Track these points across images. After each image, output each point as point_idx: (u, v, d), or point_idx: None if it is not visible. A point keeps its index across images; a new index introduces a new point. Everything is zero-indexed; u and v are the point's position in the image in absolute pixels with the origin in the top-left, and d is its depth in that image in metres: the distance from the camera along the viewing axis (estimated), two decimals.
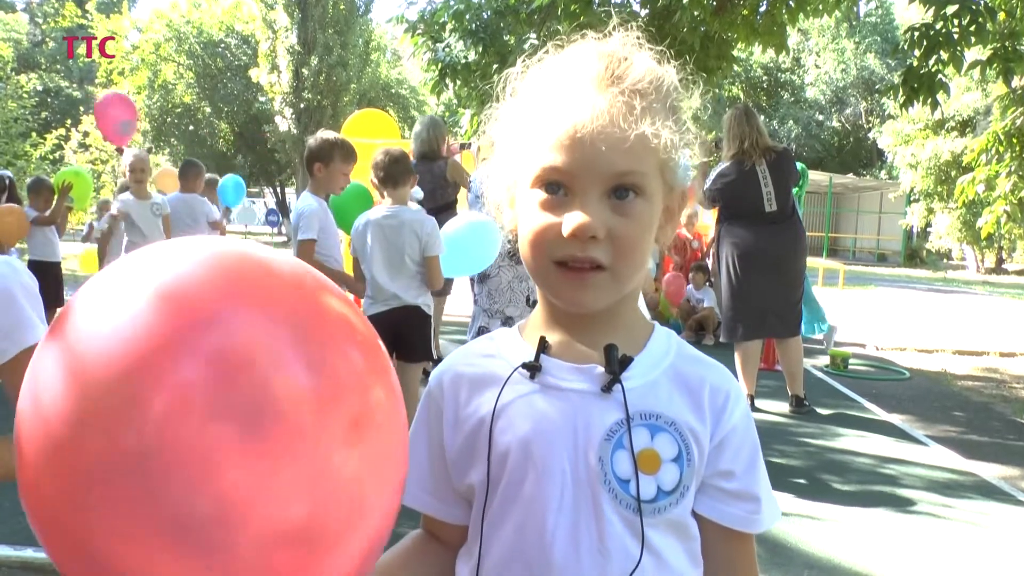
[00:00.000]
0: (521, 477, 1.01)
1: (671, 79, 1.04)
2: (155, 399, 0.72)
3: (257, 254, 0.87)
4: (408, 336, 4.30)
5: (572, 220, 0.96)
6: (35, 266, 7.26)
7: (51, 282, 7.15)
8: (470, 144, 8.25)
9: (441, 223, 6.43)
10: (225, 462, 0.73)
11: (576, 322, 1.05)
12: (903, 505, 4.31)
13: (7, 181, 8.20)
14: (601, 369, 1.02)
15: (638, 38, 1.05)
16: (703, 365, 1.09)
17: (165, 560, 0.73)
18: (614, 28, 1.05)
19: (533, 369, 1.04)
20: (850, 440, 5.52)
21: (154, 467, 0.72)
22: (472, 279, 5.33)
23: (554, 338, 1.06)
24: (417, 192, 6.37)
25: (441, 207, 6.45)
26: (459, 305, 8.73)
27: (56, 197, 7.73)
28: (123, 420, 0.72)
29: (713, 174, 5.84)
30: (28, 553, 3.33)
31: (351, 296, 4.68)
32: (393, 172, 4.32)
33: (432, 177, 6.49)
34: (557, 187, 0.98)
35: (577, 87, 1.00)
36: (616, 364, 1.01)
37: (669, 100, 1.03)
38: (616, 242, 0.97)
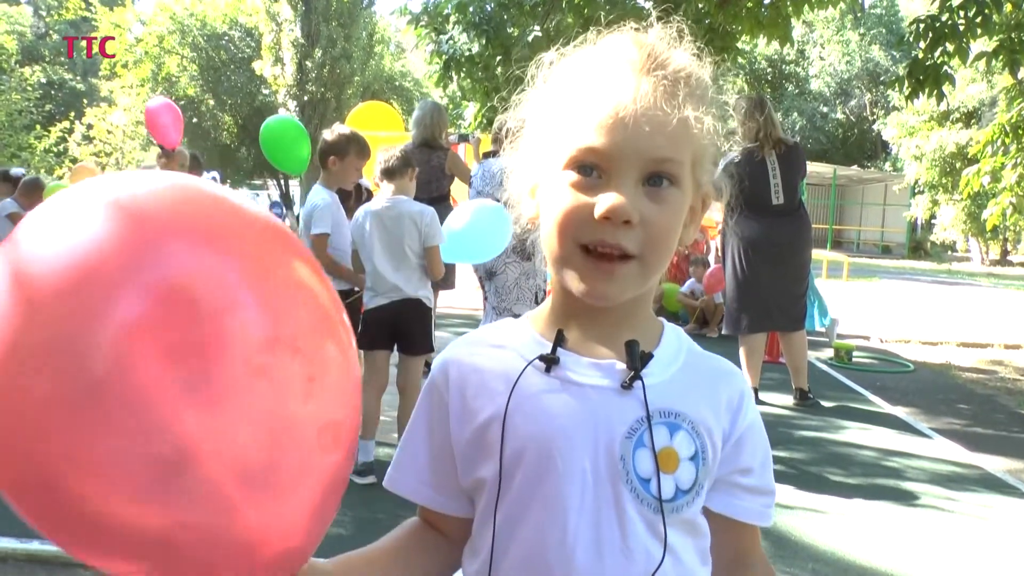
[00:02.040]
0: (539, 474, 0.99)
1: (708, 77, 1.03)
2: (103, 332, 0.71)
3: (220, 192, 0.87)
4: (409, 329, 4.30)
5: (607, 200, 0.93)
6: None
7: None
8: (469, 136, 8.20)
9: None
10: (176, 403, 0.73)
11: (593, 316, 1.03)
12: (907, 498, 4.31)
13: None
14: (621, 365, 1.00)
15: (680, 32, 1.03)
16: (714, 361, 1.10)
17: (121, 499, 0.73)
18: (653, 22, 1.04)
19: (550, 362, 1.01)
20: (854, 433, 5.52)
21: (105, 407, 0.71)
22: (480, 276, 5.31)
23: (570, 331, 1.04)
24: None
25: (435, 198, 6.35)
26: (464, 298, 8.74)
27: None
28: (69, 356, 0.71)
29: (723, 163, 5.81)
30: (34, 545, 3.35)
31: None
32: (389, 166, 4.34)
33: (430, 168, 6.26)
34: (591, 169, 0.96)
35: (618, 71, 0.98)
36: (638, 360, 1.00)
37: (707, 96, 1.01)
38: (648, 230, 0.95)
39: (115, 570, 0.81)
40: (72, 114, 26.52)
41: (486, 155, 5.24)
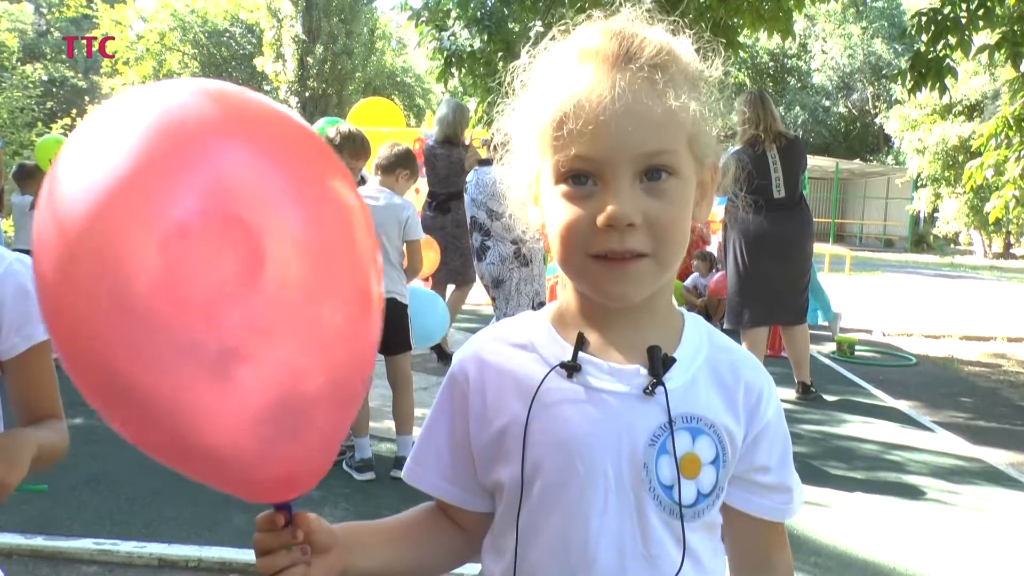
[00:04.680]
0: (562, 481, 0.99)
1: (688, 51, 0.99)
2: (151, 238, 0.77)
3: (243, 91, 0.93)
4: (387, 331, 4.24)
5: (605, 210, 0.91)
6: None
7: None
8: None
9: (451, 209, 6.49)
10: (222, 305, 0.79)
11: (612, 317, 1.01)
12: (910, 491, 4.31)
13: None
14: (643, 371, 0.99)
15: (648, 11, 0.99)
16: (736, 356, 1.07)
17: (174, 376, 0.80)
18: (621, 4, 1.00)
19: (571, 369, 1.00)
20: (856, 426, 5.52)
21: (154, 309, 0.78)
22: (487, 285, 5.34)
23: (591, 334, 1.02)
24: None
25: (455, 194, 6.48)
26: (471, 294, 8.73)
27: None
28: (118, 263, 0.77)
29: (724, 158, 5.78)
30: (38, 541, 3.36)
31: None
32: (380, 163, 4.35)
33: (450, 163, 6.45)
34: (585, 178, 0.93)
35: (592, 69, 0.94)
36: (660, 367, 0.98)
37: (689, 71, 0.98)
38: (654, 227, 0.92)
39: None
40: (74, 111, 26.49)
41: (481, 163, 5.26)
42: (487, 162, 5.16)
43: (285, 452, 0.90)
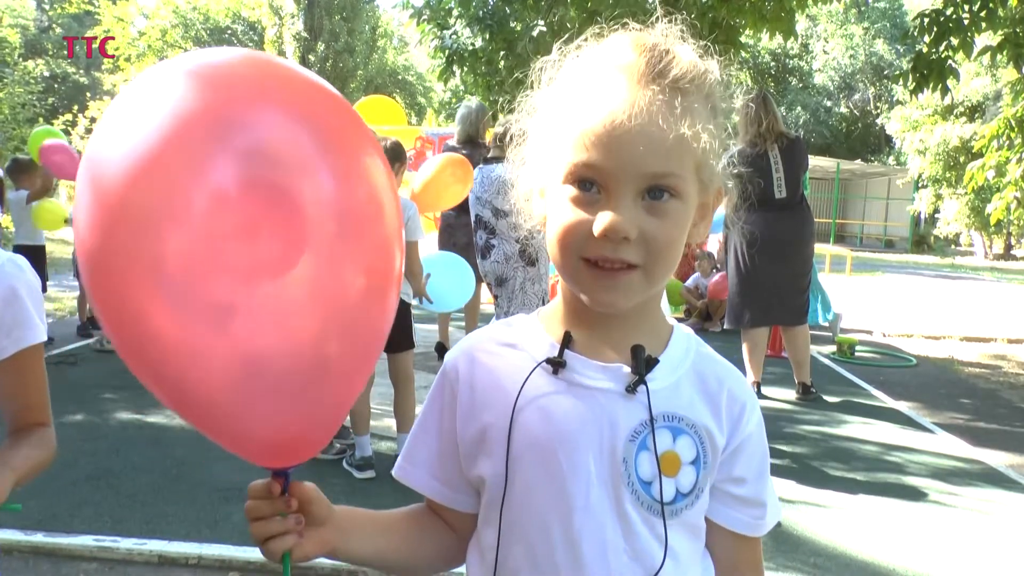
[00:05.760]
0: (545, 475, 1.00)
1: (714, 76, 1.00)
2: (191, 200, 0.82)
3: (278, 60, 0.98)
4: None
5: (603, 220, 0.92)
6: (21, 251, 6.77)
7: (36, 266, 6.92)
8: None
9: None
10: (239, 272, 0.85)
11: (601, 319, 1.02)
12: (909, 493, 4.31)
13: None
14: (627, 369, 1.01)
15: (682, 31, 1.01)
16: (721, 368, 1.09)
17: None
18: (657, 19, 1.02)
19: (557, 365, 1.02)
20: (856, 427, 5.52)
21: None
22: (490, 283, 5.35)
23: (578, 333, 1.04)
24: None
25: None
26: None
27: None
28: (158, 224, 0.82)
29: (725, 158, 5.77)
30: (38, 538, 3.36)
31: None
32: None
33: (472, 163, 6.53)
34: (590, 184, 0.95)
35: (616, 82, 0.95)
36: (643, 365, 1.00)
37: (711, 100, 0.99)
38: (649, 244, 0.94)
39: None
40: (75, 107, 26.48)
41: (487, 160, 5.28)
42: (492, 159, 5.16)
43: (289, 412, 0.95)
